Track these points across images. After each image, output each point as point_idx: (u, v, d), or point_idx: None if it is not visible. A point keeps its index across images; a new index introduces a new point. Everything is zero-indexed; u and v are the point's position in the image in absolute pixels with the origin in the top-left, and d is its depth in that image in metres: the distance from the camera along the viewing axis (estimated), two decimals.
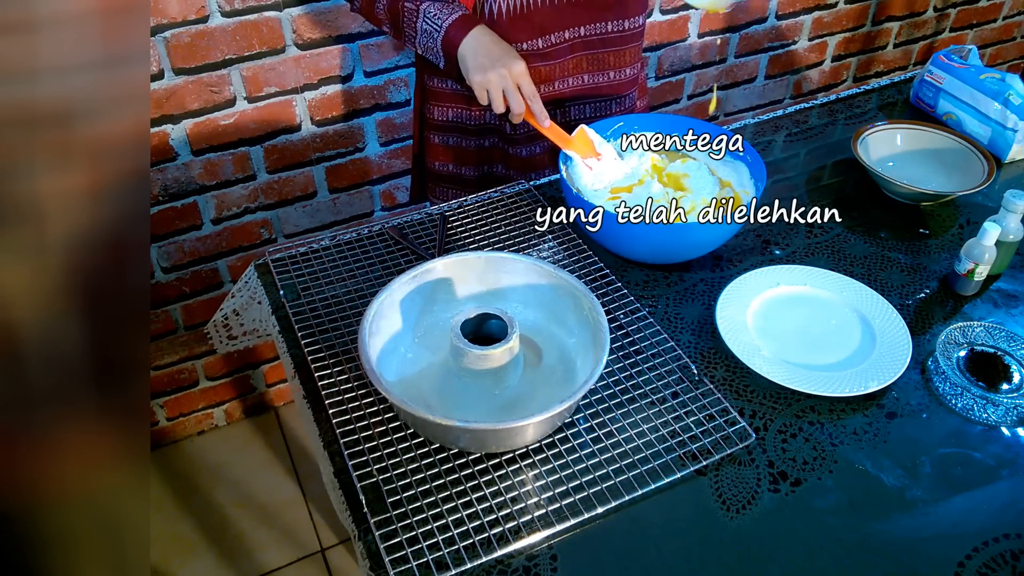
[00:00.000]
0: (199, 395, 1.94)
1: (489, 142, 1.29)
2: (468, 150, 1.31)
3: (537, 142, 1.27)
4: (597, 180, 1.12)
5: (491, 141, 1.29)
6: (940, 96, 1.38)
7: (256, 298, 1.10)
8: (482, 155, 1.31)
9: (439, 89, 1.26)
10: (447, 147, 1.31)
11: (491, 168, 1.33)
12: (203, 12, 1.41)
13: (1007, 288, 1.07)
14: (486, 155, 1.31)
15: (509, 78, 1.06)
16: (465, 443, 0.82)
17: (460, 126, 1.28)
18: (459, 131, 1.29)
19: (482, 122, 1.27)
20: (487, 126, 1.27)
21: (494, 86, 1.07)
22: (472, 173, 1.33)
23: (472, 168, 1.33)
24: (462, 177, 1.34)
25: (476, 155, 1.31)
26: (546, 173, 1.30)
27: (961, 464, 0.84)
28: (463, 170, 1.33)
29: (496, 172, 1.33)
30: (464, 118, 1.27)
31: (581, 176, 1.12)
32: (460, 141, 1.30)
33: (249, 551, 1.78)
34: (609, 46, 1.20)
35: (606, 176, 1.13)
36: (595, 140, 1.14)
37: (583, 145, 1.13)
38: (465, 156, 1.31)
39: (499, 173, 1.33)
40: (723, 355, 0.96)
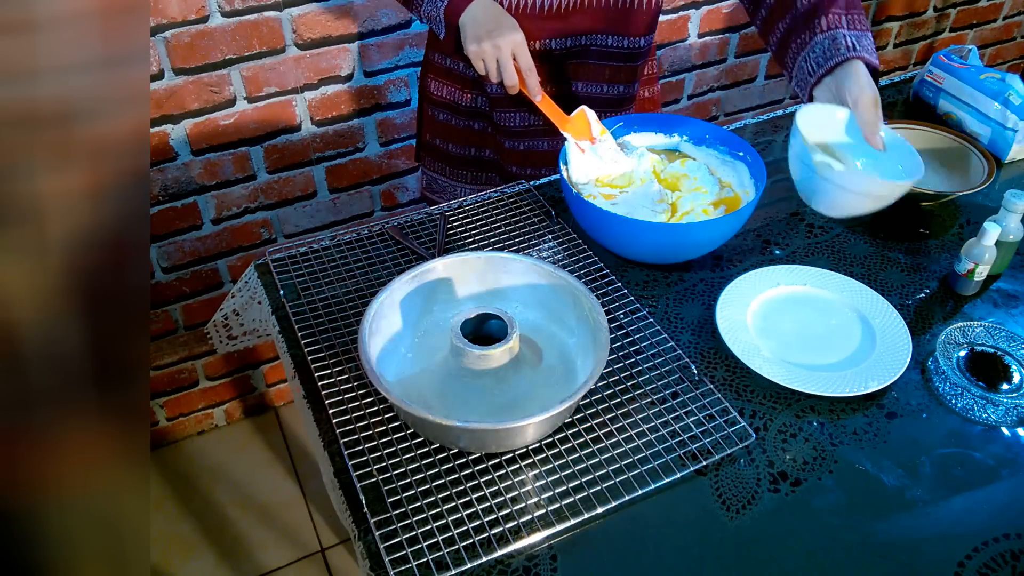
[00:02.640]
0: (199, 395, 1.94)
1: (479, 125, 1.30)
2: (458, 128, 1.31)
3: (529, 138, 1.27)
4: (589, 166, 1.12)
5: (480, 125, 1.30)
6: (940, 96, 1.38)
7: (256, 298, 1.10)
8: (471, 137, 1.32)
9: (439, 64, 1.27)
10: (439, 122, 1.32)
11: (480, 152, 1.34)
12: (203, 12, 1.41)
13: (1007, 288, 1.07)
14: (476, 137, 1.32)
15: (504, 49, 1.05)
16: (465, 443, 0.82)
17: (453, 105, 1.29)
18: (451, 109, 1.30)
19: (473, 106, 1.27)
20: (478, 110, 1.28)
21: (489, 56, 1.06)
22: (459, 151, 1.34)
23: (459, 147, 1.33)
24: (448, 153, 1.35)
25: (465, 135, 1.32)
26: (541, 168, 1.30)
27: (961, 464, 0.84)
28: (450, 147, 1.34)
29: (484, 156, 1.34)
30: (457, 98, 1.27)
31: (571, 160, 1.12)
32: (451, 119, 1.31)
33: (249, 551, 1.78)
34: (606, 59, 1.19)
35: (598, 165, 1.12)
36: (593, 124, 1.13)
37: (580, 126, 1.12)
38: (454, 134, 1.32)
39: (487, 158, 1.34)
40: (723, 355, 0.96)
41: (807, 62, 0.99)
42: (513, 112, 1.24)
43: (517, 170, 1.31)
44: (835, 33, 0.96)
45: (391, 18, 1.58)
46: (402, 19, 1.59)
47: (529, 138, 1.28)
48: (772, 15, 1.08)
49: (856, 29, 0.97)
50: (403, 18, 1.59)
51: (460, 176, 1.38)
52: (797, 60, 1.02)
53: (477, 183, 1.37)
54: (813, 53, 0.98)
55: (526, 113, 1.24)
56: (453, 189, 1.39)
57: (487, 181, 1.37)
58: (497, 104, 1.23)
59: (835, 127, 0.96)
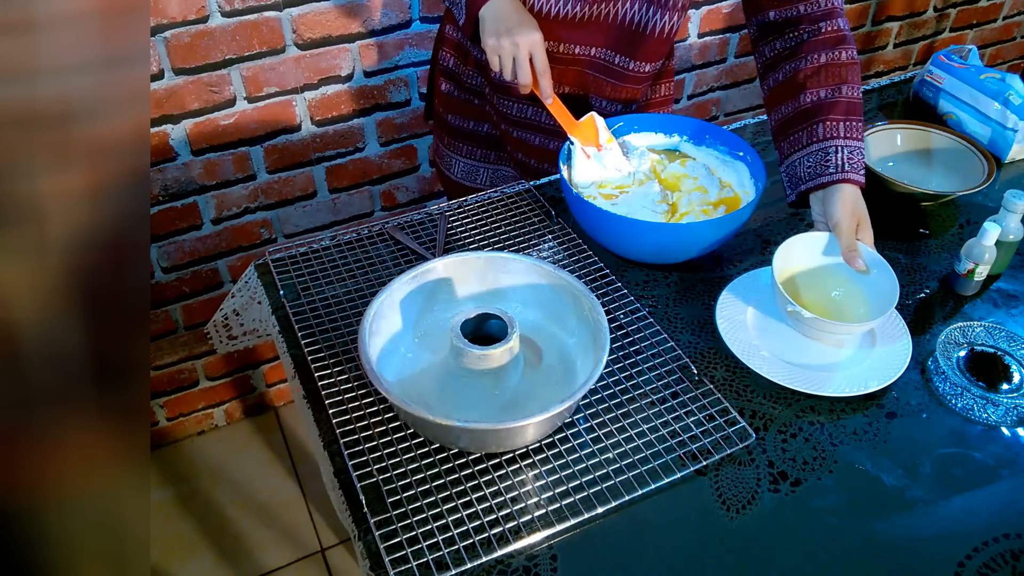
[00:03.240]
0: (199, 395, 1.94)
1: (479, 102, 1.31)
2: (459, 100, 1.32)
3: (522, 129, 1.28)
4: (591, 171, 1.12)
5: (480, 102, 1.31)
6: (940, 96, 1.38)
7: (256, 298, 1.10)
8: (471, 110, 1.32)
9: (450, 37, 1.27)
10: (442, 92, 1.32)
11: (478, 126, 1.34)
12: (203, 12, 1.41)
13: (1007, 288, 1.07)
14: (476, 112, 1.32)
15: (522, 48, 1.05)
16: (465, 443, 0.82)
17: (457, 77, 1.29)
18: (455, 81, 1.30)
19: (474, 84, 1.28)
20: (479, 90, 1.28)
21: (506, 53, 1.06)
22: (457, 123, 1.34)
23: (458, 118, 1.33)
24: (447, 123, 1.35)
25: (466, 107, 1.32)
26: (531, 159, 1.30)
27: (961, 464, 0.84)
28: (449, 117, 1.34)
29: (482, 132, 1.34)
30: (462, 72, 1.28)
31: (575, 163, 1.12)
32: (453, 90, 1.31)
33: (249, 551, 1.78)
34: (610, 76, 1.19)
35: (601, 172, 1.12)
36: (601, 131, 1.13)
37: (588, 132, 1.12)
38: (455, 105, 1.32)
39: (484, 133, 1.34)
40: (723, 355, 0.96)
41: (799, 167, 1.04)
42: (512, 102, 1.25)
43: (511, 150, 1.32)
44: (828, 147, 1.01)
45: (391, 18, 1.58)
46: (402, 19, 1.59)
47: (522, 129, 1.28)
48: (775, 96, 1.10)
49: (852, 138, 1.01)
50: (403, 18, 1.59)
51: (456, 148, 1.37)
52: (791, 157, 1.06)
53: (472, 158, 1.37)
54: (807, 161, 1.03)
55: (524, 104, 1.24)
56: (450, 159, 1.39)
57: (482, 157, 1.37)
58: (497, 90, 1.24)
59: (818, 249, 1.00)
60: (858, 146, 1.01)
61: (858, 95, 1.03)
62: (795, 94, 1.06)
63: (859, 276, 0.97)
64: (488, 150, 1.36)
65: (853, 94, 1.03)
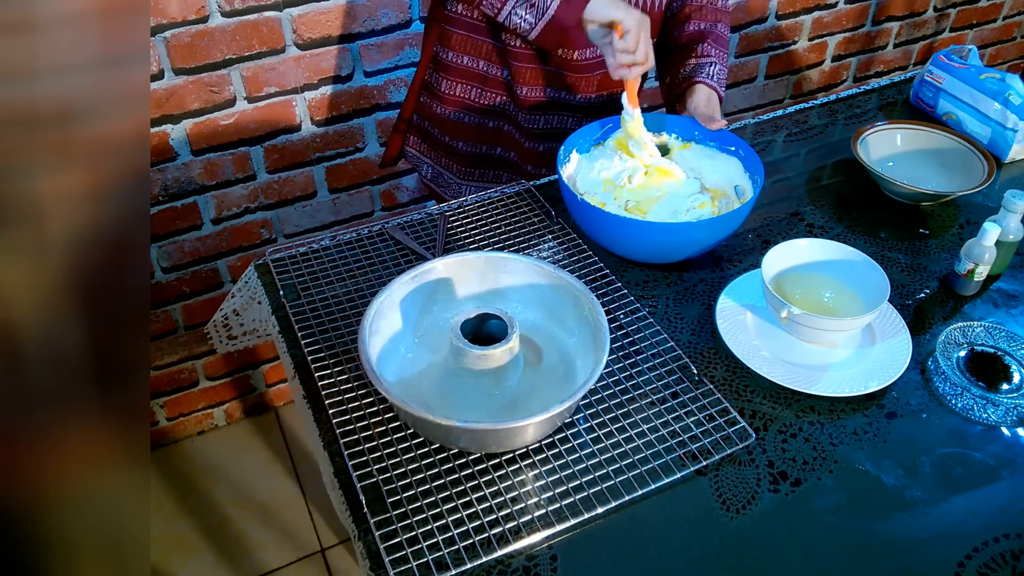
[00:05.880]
0: (199, 395, 1.94)
1: (493, 124, 1.31)
2: (470, 127, 1.31)
3: (549, 140, 1.29)
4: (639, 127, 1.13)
5: (495, 123, 1.31)
6: (940, 96, 1.38)
7: (256, 298, 1.10)
8: (484, 134, 1.32)
9: (454, 64, 1.27)
10: (449, 120, 1.31)
11: (491, 150, 1.34)
12: (203, 12, 1.41)
13: (1007, 288, 1.07)
14: (490, 135, 1.32)
15: (646, 23, 1.06)
16: (465, 443, 0.82)
17: (465, 104, 1.29)
18: (464, 107, 1.30)
19: (491, 105, 1.28)
20: (495, 109, 1.28)
21: (637, 22, 1.05)
22: (468, 149, 1.33)
23: (469, 144, 1.33)
24: (456, 151, 1.35)
25: (478, 133, 1.32)
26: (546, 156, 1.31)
27: (961, 464, 0.84)
28: (459, 144, 1.34)
29: (495, 154, 1.34)
30: (473, 96, 1.28)
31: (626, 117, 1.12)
32: (463, 117, 1.30)
33: (249, 551, 1.78)
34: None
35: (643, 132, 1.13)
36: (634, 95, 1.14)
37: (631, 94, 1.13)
38: (465, 132, 1.32)
39: (498, 156, 1.34)
40: (723, 355, 0.96)
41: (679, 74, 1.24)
42: (538, 115, 1.26)
43: (533, 170, 1.32)
44: (704, 62, 1.22)
45: (391, 18, 1.58)
46: (402, 19, 1.59)
47: (549, 140, 1.29)
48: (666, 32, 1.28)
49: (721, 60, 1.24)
50: (403, 18, 1.59)
51: (467, 174, 1.37)
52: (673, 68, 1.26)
53: (484, 180, 1.38)
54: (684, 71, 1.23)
55: (551, 116, 1.26)
56: (458, 186, 1.39)
57: (494, 179, 1.37)
58: (523, 106, 1.25)
59: (806, 254, 1.01)
60: (724, 67, 1.24)
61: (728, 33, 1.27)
62: (681, 24, 1.26)
63: (849, 277, 0.97)
64: (501, 171, 1.37)
65: (724, 31, 1.26)
